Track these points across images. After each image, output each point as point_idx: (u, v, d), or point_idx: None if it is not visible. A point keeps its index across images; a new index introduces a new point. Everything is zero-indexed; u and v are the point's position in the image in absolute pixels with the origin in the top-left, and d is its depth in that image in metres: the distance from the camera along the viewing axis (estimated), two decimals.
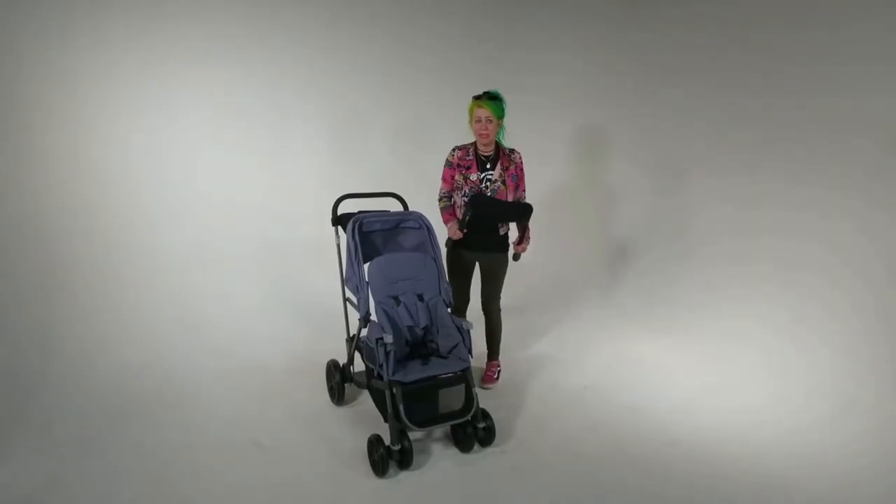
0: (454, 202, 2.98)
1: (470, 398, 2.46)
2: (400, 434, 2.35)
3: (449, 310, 2.68)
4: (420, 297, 2.67)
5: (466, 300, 3.11)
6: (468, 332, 2.56)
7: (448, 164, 2.96)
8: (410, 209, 2.97)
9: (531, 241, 2.96)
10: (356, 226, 2.67)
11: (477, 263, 3.05)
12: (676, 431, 2.70)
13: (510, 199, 2.91)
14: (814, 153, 3.09)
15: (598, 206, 4.40)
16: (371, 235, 2.79)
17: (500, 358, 3.23)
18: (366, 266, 2.66)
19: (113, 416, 2.74)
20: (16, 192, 3.18)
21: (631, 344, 3.59)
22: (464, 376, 2.50)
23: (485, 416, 2.54)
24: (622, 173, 4.23)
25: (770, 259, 3.28)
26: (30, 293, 3.16)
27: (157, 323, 3.42)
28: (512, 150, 2.95)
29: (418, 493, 2.26)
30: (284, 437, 2.63)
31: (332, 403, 2.94)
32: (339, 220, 2.88)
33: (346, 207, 2.90)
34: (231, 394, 3.00)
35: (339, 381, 2.89)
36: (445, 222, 2.95)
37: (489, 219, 2.88)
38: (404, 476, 2.36)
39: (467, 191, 2.90)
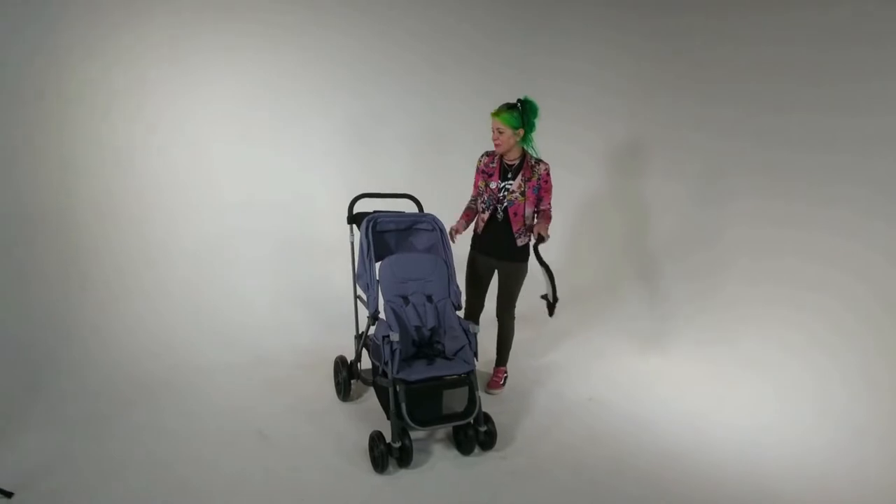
0: (472, 211, 3.00)
1: (473, 401, 2.48)
2: (401, 432, 2.38)
3: (459, 313, 2.70)
4: (429, 298, 2.71)
5: (481, 306, 3.10)
6: (475, 335, 2.58)
7: (477, 169, 2.96)
8: (425, 211, 3.01)
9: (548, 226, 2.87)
10: (370, 225, 2.72)
11: (496, 271, 3.04)
12: (679, 447, 2.68)
13: (528, 211, 2.86)
14: (843, 174, 3.01)
15: (620, 220, 4.36)
16: (385, 235, 2.83)
17: (508, 365, 3.23)
18: (377, 265, 2.70)
19: (122, 401, 2.82)
20: (40, 185, 3.25)
21: (640, 358, 3.57)
22: (468, 379, 2.51)
23: (487, 419, 2.55)
24: (645, 187, 4.18)
25: (786, 280, 3.22)
26: (52, 279, 3.25)
27: (169, 313, 3.48)
28: (538, 161, 2.88)
29: (415, 492, 2.28)
30: (289, 429, 2.68)
31: (337, 399, 2.99)
32: (354, 219, 2.93)
33: (362, 207, 2.95)
34: (239, 385, 3.07)
35: (345, 377, 2.93)
36: (459, 219, 2.96)
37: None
38: (403, 474, 2.39)
39: (486, 198, 2.89)
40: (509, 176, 2.87)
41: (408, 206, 3.07)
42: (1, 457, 2.32)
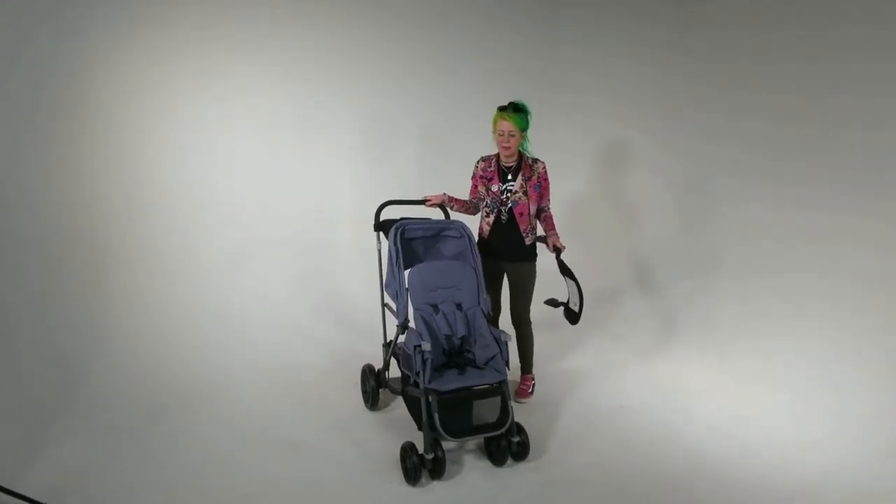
0: (474, 207, 3.01)
1: (505, 411, 2.43)
2: (434, 443, 2.34)
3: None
4: (459, 307, 2.67)
5: (498, 309, 3.09)
6: (506, 343, 2.53)
7: (474, 175, 2.98)
8: (451, 218, 2.98)
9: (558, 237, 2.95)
10: (398, 232, 2.69)
11: (505, 275, 3.03)
12: (713, 456, 2.61)
13: (532, 209, 2.90)
14: (835, 174, 3.02)
15: (631, 221, 4.30)
16: (412, 242, 2.80)
17: (534, 371, 3.19)
18: (406, 272, 2.67)
19: (153, 407, 2.83)
20: (73, 196, 3.30)
21: (666, 362, 3.49)
22: (500, 388, 2.47)
23: (519, 430, 2.50)
24: (647, 188, 4.14)
25: (809, 269, 3.16)
26: (86, 287, 3.28)
27: (200, 320, 3.50)
28: (535, 160, 2.92)
29: None
30: (317, 437, 2.66)
31: (365, 408, 2.96)
32: (381, 226, 2.90)
33: (387, 214, 2.93)
34: (266, 392, 3.06)
35: (373, 385, 2.90)
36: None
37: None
38: (436, 486, 2.35)
39: (489, 202, 2.91)
40: (509, 177, 2.88)
41: (428, 213, 3.03)
42: (36, 465, 2.32)
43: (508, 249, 2.92)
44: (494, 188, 2.89)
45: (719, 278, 3.69)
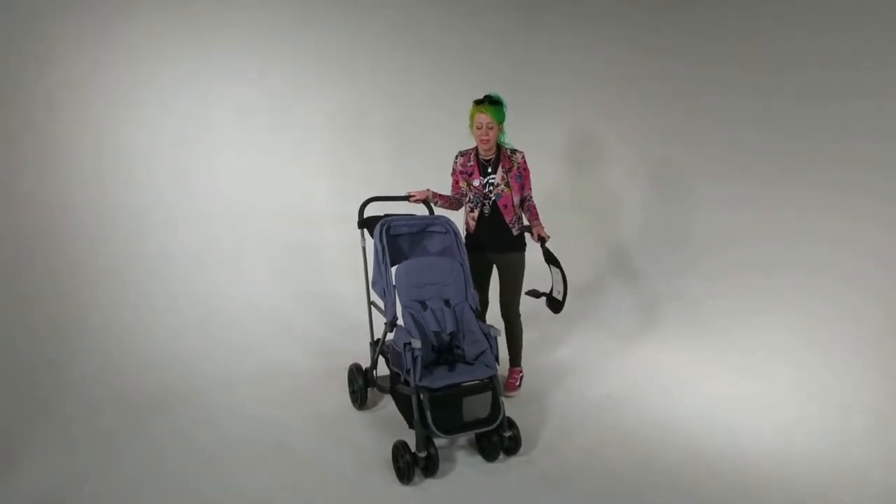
0: (457, 202, 3.01)
1: (497, 406, 2.43)
2: (426, 441, 2.32)
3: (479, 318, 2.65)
4: (447, 303, 2.65)
5: (486, 303, 3.07)
6: (495, 338, 2.52)
7: (453, 171, 2.98)
8: (436, 213, 2.95)
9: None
10: (384, 229, 2.65)
11: (493, 267, 3.03)
12: (702, 443, 2.65)
13: (516, 200, 2.91)
14: (811, 156, 3.09)
15: (609, 214, 4.35)
16: (398, 239, 2.77)
17: (521, 364, 3.19)
18: (392, 269, 2.64)
19: (134, 415, 2.74)
20: (41, 195, 3.19)
21: (650, 350, 3.54)
22: (491, 383, 2.46)
23: (511, 424, 2.50)
24: (625, 180, 4.20)
25: (793, 265, 3.22)
26: (52, 292, 3.17)
27: (179, 324, 3.42)
28: (513, 151, 2.93)
29: (445, 502, 2.22)
30: (307, 439, 2.61)
31: (353, 407, 2.92)
32: (365, 223, 2.86)
33: (370, 210, 2.88)
34: (252, 395, 2.99)
35: (361, 385, 2.86)
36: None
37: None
38: (430, 484, 2.33)
39: (472, 196, 2.91)
40: (489, 170, 2.89)
41: (412, 209, 3.01)
42: (8, 482, 2.22)
43: (497, 242, 2.93)
44: (476, 182, 2.89)
45: (700, 266, 3.76)
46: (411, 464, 2.29)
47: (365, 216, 2.87)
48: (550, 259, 2.88)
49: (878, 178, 2.87)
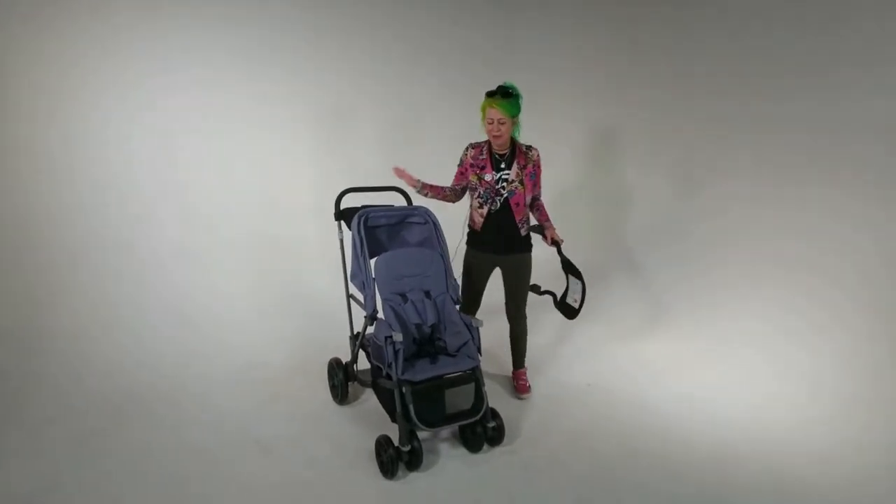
0: (455, 194, 2.81)
1: (480, 397, 2.41)
2: (410, 434, 2.30)
3: (457, 307, 2.62)
4: (427, 294, 2.62)
5: (476, 306, 2.90)
6: (477, 329, 2.50)
7: (461, 163, 2.79)
8: (414, 204, 2.90)
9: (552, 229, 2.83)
10: (361, 220, 2.60)
11: (497, 269, 2.85)
12: (682, 429, 2.70)
13: (528, 199, 2.77)
14: (815, 155, 3.09)
15: (599, 207, 4.37)
16: (376, 230, 2.72)
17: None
18: (371, 262, 2.59)
19: (111, 416, 2.66)
20: (5, 192, 3.04)
21: (632, 341, 3.58)
22: (473, 374, 2.44)
23: (494, 415, 2.50)
24: (623, 174, 4.20)
25: (773, 260, 3.27)
26: (21, 292, 3.04)
27: (154, 321, 3.33)
28: (529, 147, 2.76)
29: (430, 495, 2.21)
30: (287, 437, 2.56)
31: (334, 402, 2.88)
32: (341, 215, 2.80)
33: (347, 202, 2.82)
34: (230, 392, 2.92)
35: (341, 379, 2.82)
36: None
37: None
38: (414, 477, 2.31)
39: (482, 192, 2.72)
40: (503, 166, 2.72)
41: (394, 200, 2.95)
42: None
43: (503, 242, 2.77)
44: (488, 177, 2.70)
45: (680, 261, 3.79)
46: (395, 458, 2.27)
47: (342, 207, 2.81)
48: (571, 269, 2.75)
49: (859, 177, 2.90)
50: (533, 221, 2.88)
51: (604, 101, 4.29)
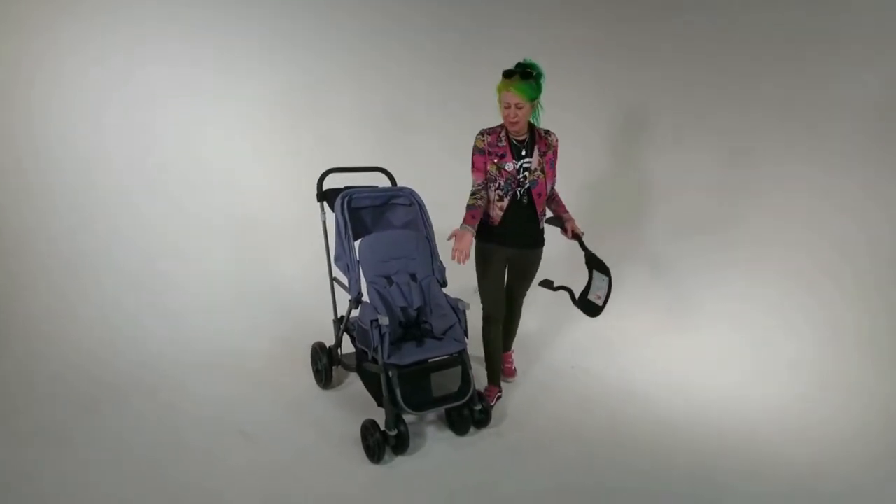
0: (487, 200, 2.50)
1: (467, 380, 2.39)
2: (396, 419, 2.27)
3: (446, 290, 2.59)
4: (413, 277, 2.57)
5: (503, 307, 2.66)
6: (464, 312, 2.47)
7: (478, 150, 2.48)
8: (398, 185, 2.85)
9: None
10: (345, 201, 2.53)
11: (508, 261, 2.65)
12: (666, 409, 2.72)
13: (548, 187, 2.56)
14: (799, 139, 3.06)
15: (590, 188, 4.27)
16: (360, 212, 2.66)
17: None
18: (356, 244, 2.53)
19: (84, 405, 2.57)
20: None
21: (616, 322, 3.58)
22: (460, 357, 2.42)
23: (481, 397, 2.49)
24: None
25: (756, 243, 3.28)
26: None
27: (127, 306, 3.21)
28: (547, 132, 2.53)
29: (417, 479, 2.19)
30: (272, 424, 2.51)
31: (317, 387, 2.83)
32: (324, 196, 2.73)
33: (330, 182, 2.75)
34: (211, 379, 2.85)
35: (326, 363, 2.77)
36: (465, 219, 2.39)
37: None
38: (401, 461, 2.29)
39: (502, 183, 2.46)
40: (523, 153, 2.47)
41: (379, 180, 2.89)
42: None
43: (522, 236, 2.55)
44: (509, 166, 2.44)
45: (667, 243, 3.75)
46: (381, 442, 2.24)
47: (324, 189, 2.74)
48: (596, 264, 2.56)
49: (847, 159, 2.88)
50: (548, 213, 2.67)
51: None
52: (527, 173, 2.47)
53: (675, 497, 2.12)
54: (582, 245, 2.60)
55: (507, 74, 2.33)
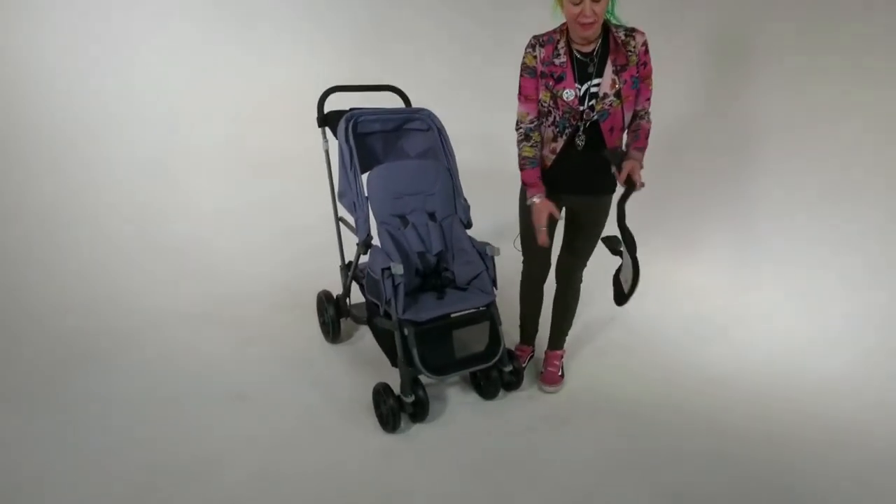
0: (537, 150, 1.88)
1: (496, 338, 2.04)
2: (413, 383, 1.94)
3: (470, 231, 2.19)
4: (432, 217, 2.17)
5: (548, 267, 2.17)
6: (492, 258, 2.08)
7: (528, 70, 1.82)
8: (413, 106, 2.39)
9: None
10: (349, 125, 2.10)
11: (564, 210, 2.04)
12: (711, 366, 2.38)
13: (628, 118, 1.85)
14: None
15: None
16: (368, 138, 2.24)
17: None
18: (364, 177, 2.12)
19: (66, 364, 2.29)
20: None
21: (656, 270, 3.17)
22: (488, 311, 2.05)
23: (511, 356, 2.14)
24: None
25: (812, 183, 2.76)
26: None
27: (113, 252, 2.91)
28: (630, 33, 1.77)
29: (438, 449, 1.88)
30: (272, 381, 2.22)
31: (324, 342, 2.52)
32: (325, 120, 2.30)
33: (334, 105, 2.30)
34: (204, 332, 2.56)
35: (333, 315, 2.45)
36: (526, 183, 1.90)
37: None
38: (419, 429, 1.98)
39: (557, 117, 1.83)
40: (590, 71, 1.80)
41: (390, 101, 2.43)
42: None
43: (583, 181, 1.93)
44: (568, 95, 1.78)
45: (717, 180, 3.26)
46: (396, 409, 1.92)
47: (326, 111, 2.30)
48: (625, 236, 1.86)
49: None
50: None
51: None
52: (594, 101, 1.79)
53: (736, 465, 1.79)
54: (623, 199, 1.85)
55: None
